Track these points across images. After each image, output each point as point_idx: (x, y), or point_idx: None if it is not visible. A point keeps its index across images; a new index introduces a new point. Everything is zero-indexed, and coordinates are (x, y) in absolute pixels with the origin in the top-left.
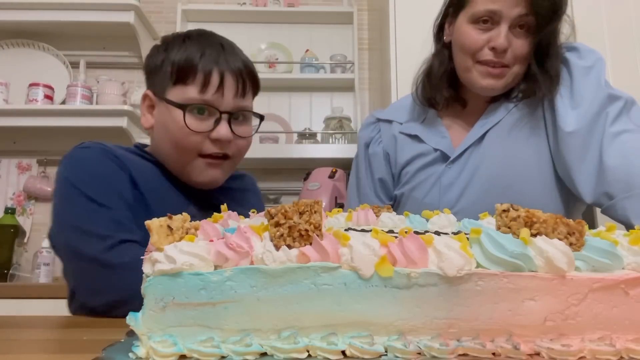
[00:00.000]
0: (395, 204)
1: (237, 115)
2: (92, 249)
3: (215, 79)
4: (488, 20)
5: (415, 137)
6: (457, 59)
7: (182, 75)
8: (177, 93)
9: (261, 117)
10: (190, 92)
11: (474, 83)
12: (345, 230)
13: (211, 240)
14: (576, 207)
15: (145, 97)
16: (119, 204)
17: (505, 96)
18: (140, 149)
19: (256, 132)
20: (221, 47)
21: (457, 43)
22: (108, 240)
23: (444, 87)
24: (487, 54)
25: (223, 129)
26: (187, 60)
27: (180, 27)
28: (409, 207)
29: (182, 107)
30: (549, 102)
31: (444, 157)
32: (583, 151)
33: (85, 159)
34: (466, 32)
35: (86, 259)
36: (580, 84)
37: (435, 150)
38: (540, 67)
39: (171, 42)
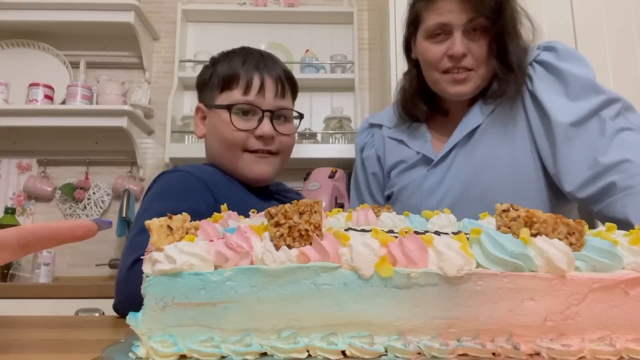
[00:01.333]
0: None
1: (279, 115)
2: (126, 260)
3: (256, 82)
4: (441, 33)
5: (400, 142)
6: (425, 74)
7: (228, 82)
8: (224, 98)
9: (301, 116)
10: (235, 95)
11: (445, 92)
12: (345, 230)
13: (211, 240)
14: (561, 207)
15: (197, 109)
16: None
17: (483, 99)
18: (212, 165)
19: (297, 130)
20: (261, 56)
21: (421, 59)
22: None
23: (419, 103)
24: (447, 63)
25: (266, 126)
26: (231, 70)
27: (180, 27)
28: (397, 208)
29: (228, 107)
30: (533, 99)
31: (427, 162)
32: (577, 142)
33: (165, 181)
34: (425, 47)
35: (122, 269)
36: (570, 79)
37: (418, 154)
38: (505, 65)
39: (217, 59)
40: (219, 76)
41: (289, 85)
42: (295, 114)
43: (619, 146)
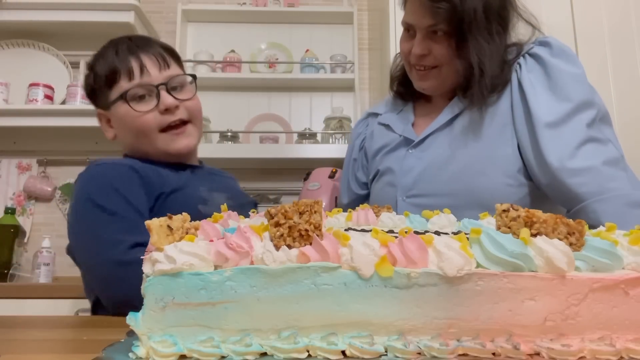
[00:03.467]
0: (370, 186)
1: (174, 85)
2: (107, 254)
3: (135, 64)
4: (410, 30)
5: (387, 127)
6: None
7: (111, 78)
8: (115, 93)
9: (194, 77)
10: (122, 85)
11: (414, 84)
12: (345, 230)
13: (211, 240)
14: (539, 198)
15: (99, 116)
16: (128, 210)
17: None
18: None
19: (196, 90)
20: (129, 39)
21: None
22: (121, 245)
23: (397, 84)
24: (412, 59)
25: (166, 98)
26: (108, 65)
27: (180, 27)
28: (377, 187)
29: (122, 96)
30: (519, 88)
31: (408, 143)
32: (551, 141)
33: (97, 173)
34: (400, 40)
35: (103, 264)
36: (557, 74)
37: (401, 136)
38: (469, 66)
39: (92, 62)
40: (100, 76)
41: (169, 55)
42: (189, 78)
43: (587, 154)
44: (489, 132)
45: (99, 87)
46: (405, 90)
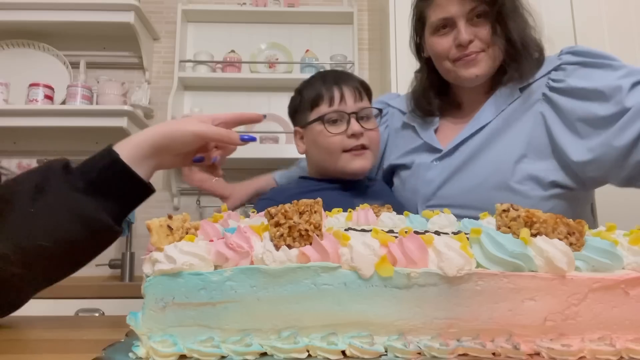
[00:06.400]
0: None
1: (362, 115)
2: None
3: (337, 93)
4: (446, 26)
5: (413, 129)
6: (438, 68)
7: (315, 102)
8: (314, 114)
9: (380, 111)
10: (322, 109)
11: (459, 78)
12: (345, 230)
13: (211, 240)
14: (556, 204)
15: (295, 133)
16: None
17: (501, 87)
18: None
19: (380, 122)
20: (335, 72)
21: (431, 54)
22: None
23: (432, 98)
24: (457, 52)
25: (354, 125)
26: (315, 91)
27: (180, 27)
28: (401, 191)
29: (320, 118)
30: (566, 94)
31: (430, 149)
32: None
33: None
34: (433, 42)
35: None
36: (611, 60)
37: (425, 143)
38: (511, 44)
39: (301, 87)
40: (307, 100)
41: (363, 90)
42: (375, 111)
43: None
44: (517, 145)
45: (303, 109)
46: (429, 105)
